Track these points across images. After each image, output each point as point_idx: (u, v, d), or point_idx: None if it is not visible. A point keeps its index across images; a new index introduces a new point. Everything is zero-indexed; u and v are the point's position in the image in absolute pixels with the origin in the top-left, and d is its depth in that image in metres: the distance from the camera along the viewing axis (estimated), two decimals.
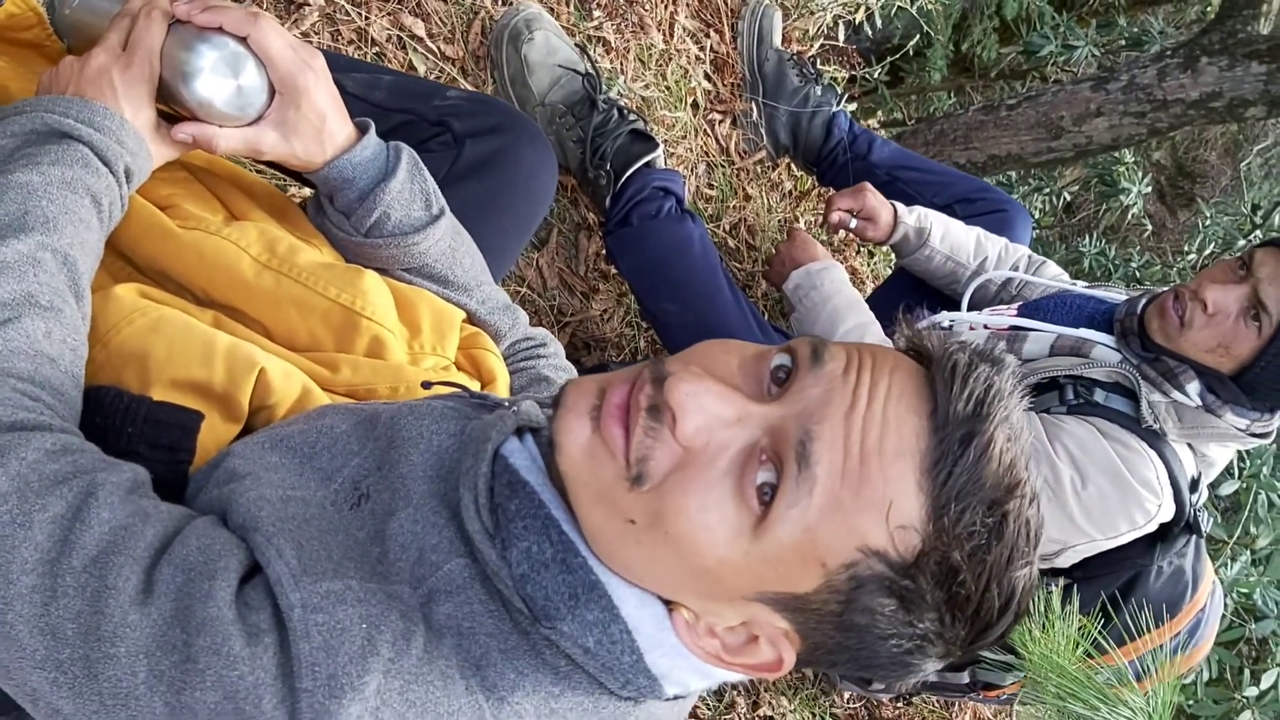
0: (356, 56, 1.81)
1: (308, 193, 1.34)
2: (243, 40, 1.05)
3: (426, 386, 1.09)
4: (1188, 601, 1.91)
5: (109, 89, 1.02)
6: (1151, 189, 6.86)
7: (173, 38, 1.05)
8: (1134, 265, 5.23)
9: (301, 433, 0.95)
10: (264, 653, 0.75)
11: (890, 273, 2.60)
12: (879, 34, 4.46)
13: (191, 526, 0.82)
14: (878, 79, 4.76)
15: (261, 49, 1.05)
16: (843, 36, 2.94)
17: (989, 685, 2.10)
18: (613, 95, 2.04)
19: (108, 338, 0.99)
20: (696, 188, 2.42)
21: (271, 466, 0.91)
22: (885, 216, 2.16)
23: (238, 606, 0.76)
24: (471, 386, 1.17)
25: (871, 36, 4.32)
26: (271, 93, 1.08)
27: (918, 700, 2.61)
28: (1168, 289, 1.85)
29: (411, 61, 1.89)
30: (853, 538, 0.74)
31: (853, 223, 2.18)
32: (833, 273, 2.07)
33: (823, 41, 2.82)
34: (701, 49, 2.44)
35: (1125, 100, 3.44)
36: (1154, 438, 1.78)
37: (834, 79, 2.82)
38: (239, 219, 1.17)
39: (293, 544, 0.80)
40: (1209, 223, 5.82)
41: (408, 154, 1.18)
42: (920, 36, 4.58)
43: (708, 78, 2.47)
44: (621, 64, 2.24)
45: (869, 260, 2.97)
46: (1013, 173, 5.39)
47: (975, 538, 0.73)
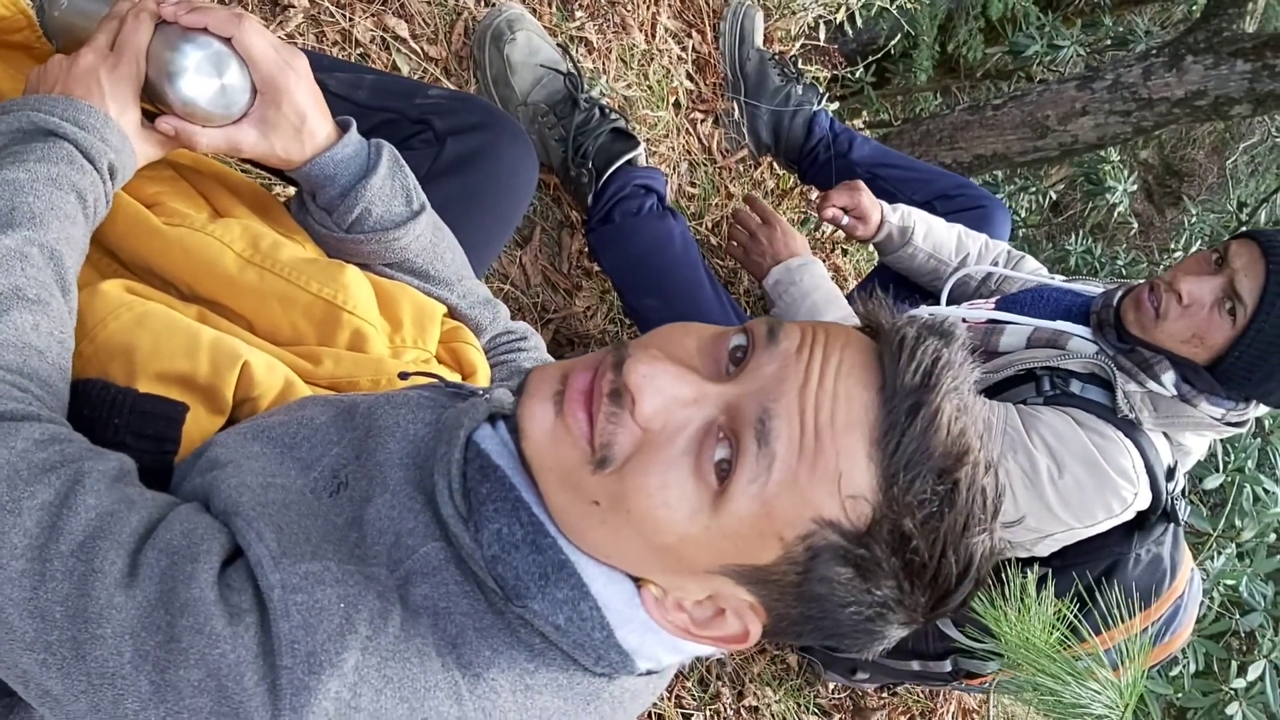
0: (340, 57, 1.83)
1: (292, 191, 1.36)
2: (227, 41, 1.08)
3: (404, 377, 1.11)
4: (1166, 589, 1.93)
5: (96, 88, 1.04)
6: (1139, 188, 6.89)
7: (159, 38, 1.07)
8: (1120, 263, 5.26)
9: (282, 423, 0.97)
10: (245, 632, 0.76)
11: (871, 270, 2.62)
12: (865, 35, 4.48)
13: (175, 512, 0.84)
14: (864, 80, 4.79)
15: (245, 49, 1.08)
16: (824, 36, 2.96)
17: (971, 674, 2.12)
18: (595, 95, 2.06)
19: (94, 332, 1.01)
20: (679, 186, 2.44)
21: (253, 455, 0.93)
22: (875, 216, 2.18)
23: (219, 588, 0.78)
24: (451, 379, 1.19)
25: (857, 38, 4.35)
26: (254, 92, 1.10)
27: (902, 690, 2.63)
28: (1143, 281, 1.88)
29: (395, 62, 1.91)
30: (807, 510, 0.77)
31: (844, 220, 2.20)
32: (812, 268, 2.09)
33: (804, 41, 2.85)
34: (683, 49, 2.46)
35: (1111, 99, 3.44)
36: (1130, 427, 1.80)
37: (815, 79, 2.84)
38: (223, 216, 1.20)
39: (273, 527, 0.82)
40: (1195, 220, 5.85)
41: (388, 151, 1.20)
42: (905, 37, 4.60)
43: (690, 77, 2.48)
44: (604, 64, 2.26)
45: (851, 257, 2.99)
46: (999, 172, 5.41)
47: (926, 505, 0.75)
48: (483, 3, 2.05)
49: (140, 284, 1.10)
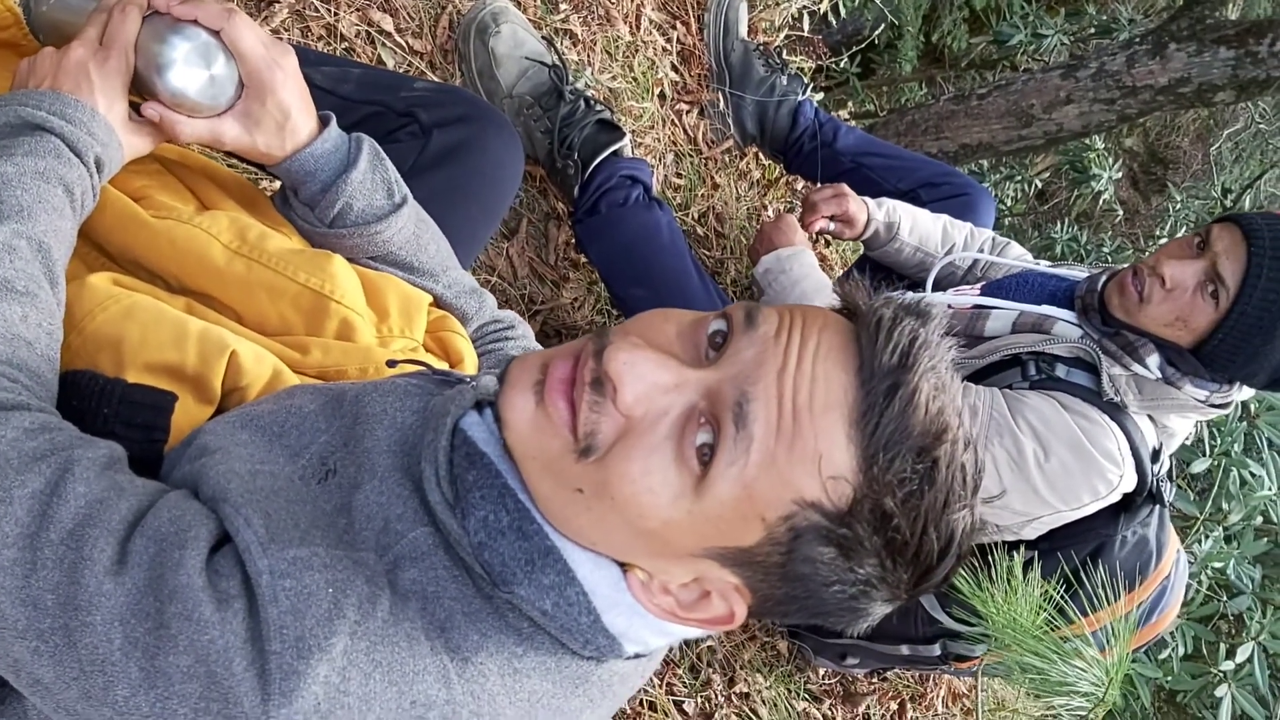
0: (326, 52, 1.83)
1: (277, 185, 1.36)
2: (215, 34, 1.08)
3: (391, 365, 1.12)
4: (1152, 570, 1.94)
5: (85, 82, 1.05)
6: (1124, 176, 6.92)
7: (147, 29, 1.08)
8: (1106, 250, 5.28)
9: (271, 412, 0.98)
10: (233, 617, 0.77)
11: (857, 259, 2.63)
12: (849, 26, 4.49)
13: (164, 499, 0.85)
14: (849, 71, 4.80)
15: (234, 43, 1.09)
16: (808, 27, 2.97)
17: (960, 657, 2.14)
18: (580, 87, 2.06)
19: (82, 324, 1.02)
20: (665, 177, 2.45)
21: (241, 443, 0.93)
22: (861, 218, 2.18)
23: (208, 574, 0.79)
24: (438, 367, 1.20)
25: (841, 29, 4.36)
26: (241, 86, 1.11)
27: (892, 675, 2.64)
28: (1127, 265, 1.89)
29: (380, 56, 1.91)
30: (788, 491, 0.77)
31: (831, 226, 2.22)
32: (802, 257, 2.10)
33: (788, 32, 2.85)
34: (668, 40, 2.47)
35: (1095, 87, 3.44)
36: (1115, 410, 1.81)
37: (800, 69, 2.85)
38: (210, 209, 1.20)
39: (261, 513, 0.83)
40: (1180, 206, 5.87)
41: (369, 145, 1.21)
42: (890, 28, 4.61)
43: (674, 69, 2.49)
44: (588, 56, 2.26)
45: (837, 248, 3.00)
46: (985, 161, 5.43)
47: (907, 484, 0.76)
48: None
49: (128, 276, 1.10)
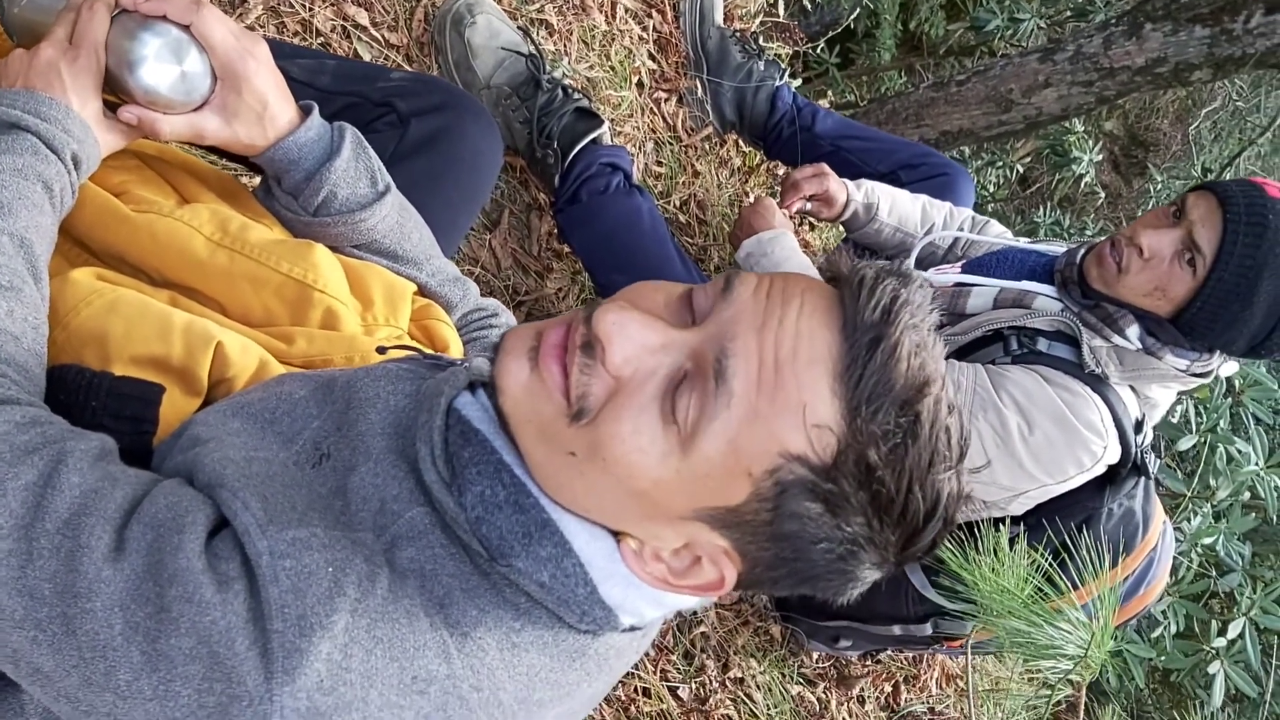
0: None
1: (259, 181, 1.37)
2: (185, 28, 1.09)
3: (382, 351, 1.12)
4: (1139, 542, 1.96)
5: (57, 81, 1.05)
6: (1105, 159, 6.95)
7: (117, 28, 1.08)
8: (1089, 233, 5.31)
9: (261, 400, 0.99)
10: (234, 598, 0.78)
11: (839, 244, 2.64)
12: (827, 15, 4.50)
13: (159, 487, 0.86)
14: (829, 61, 4.81)
15: (204, 36, 1.09)
16: (784, 12, 2.98)
17: (951, 636, 2.15)
18: (557, 76, 2.07)
19: (67, 320, 1.02)
20: (645, 165, 2.45)
21: (234, 431, 0.94)
22: (841, 197, 2.20)
23: (207, 557, 0.80)
24: (429, 352, 1.20)
25: (820, 18, 4.37)
26: (215, 79, 1.11)
27: (885, 657, 2.66)
28: (1105, 237, 1.90)
29: (356, 50, 1.91)
30: (772, 443, 0.79)
31: (809, 206, 2.23)
32: (783, 240, 2.11)
33: (763, 18, 2.86)
34: (644, 29, 2.47)
35: (1073, 70, 3.46)
36: (1097, 382, 1.83)
37: (777, 55, 2.86)
38: (190, 202, 1.20)
39: (258, 496, 0.83)
40: (1160, 188, 5.91)
41: (351, 133, 1.21)
42: (868, 17, 4.62)
43: (652, 57, 2.49)
44: (565, 46, 2.27)
45: (819, 232, 3.01)
46: (966, 148, 5.45)
47: (891, 437, 0.77)
48: None
49: (111, 271, 1.11)
